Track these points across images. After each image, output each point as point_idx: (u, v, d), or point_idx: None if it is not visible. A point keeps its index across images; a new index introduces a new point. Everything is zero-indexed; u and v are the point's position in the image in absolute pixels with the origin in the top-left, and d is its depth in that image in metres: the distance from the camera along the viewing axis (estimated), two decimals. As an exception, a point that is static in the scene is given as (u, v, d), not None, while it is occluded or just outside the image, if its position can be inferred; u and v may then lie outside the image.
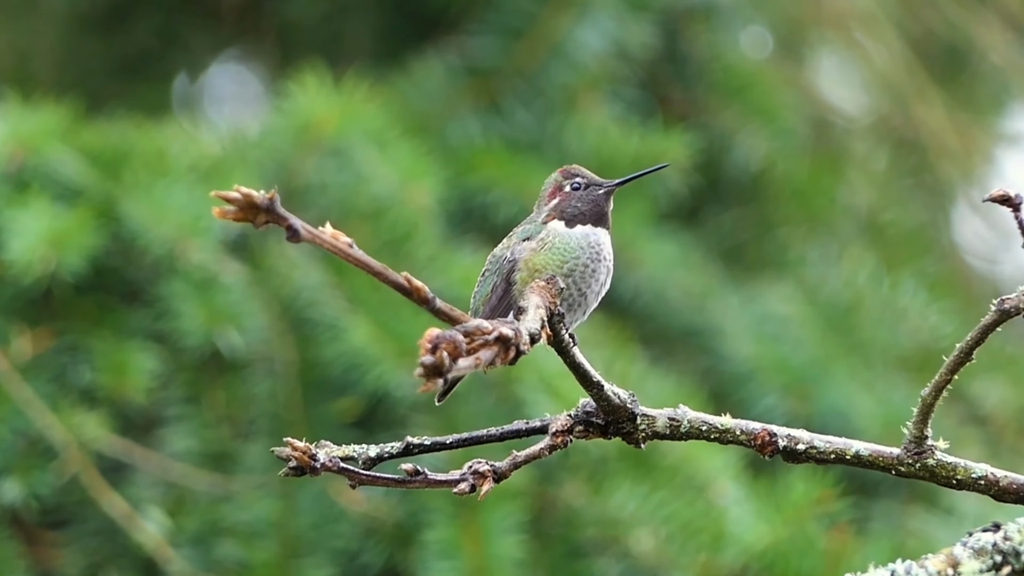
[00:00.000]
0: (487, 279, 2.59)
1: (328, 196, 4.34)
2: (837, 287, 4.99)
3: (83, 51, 5.28)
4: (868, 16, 5.39)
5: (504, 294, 2.53)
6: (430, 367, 1.91)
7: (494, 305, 2.54)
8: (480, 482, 2.21)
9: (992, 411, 4.82)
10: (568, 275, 2.51)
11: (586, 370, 2.23)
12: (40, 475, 3.97)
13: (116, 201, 4.18)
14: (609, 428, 2.28)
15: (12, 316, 4.10)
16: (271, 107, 4.59)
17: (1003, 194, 2.22)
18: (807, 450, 2.30)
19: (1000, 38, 5.44)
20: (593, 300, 2.54)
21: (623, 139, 4.76)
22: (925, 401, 2.26)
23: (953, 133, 5.37)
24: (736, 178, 5.05)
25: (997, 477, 2.28)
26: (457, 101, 4.78)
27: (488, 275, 2.59)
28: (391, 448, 2.26)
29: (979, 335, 2.23)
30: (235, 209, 1.91)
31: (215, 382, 4.14)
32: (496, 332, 2.00)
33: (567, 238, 2.54)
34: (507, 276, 2.54)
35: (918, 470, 2.29)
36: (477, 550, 3.87)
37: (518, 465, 2.25)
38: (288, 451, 2.18)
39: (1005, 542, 2.17)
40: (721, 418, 2.31)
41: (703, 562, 3.96)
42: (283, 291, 4.18)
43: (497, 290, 2.55)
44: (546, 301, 2.14)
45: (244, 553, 3.99)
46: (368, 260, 1.98)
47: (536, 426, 2.29)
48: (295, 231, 1.93)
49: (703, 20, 5.04)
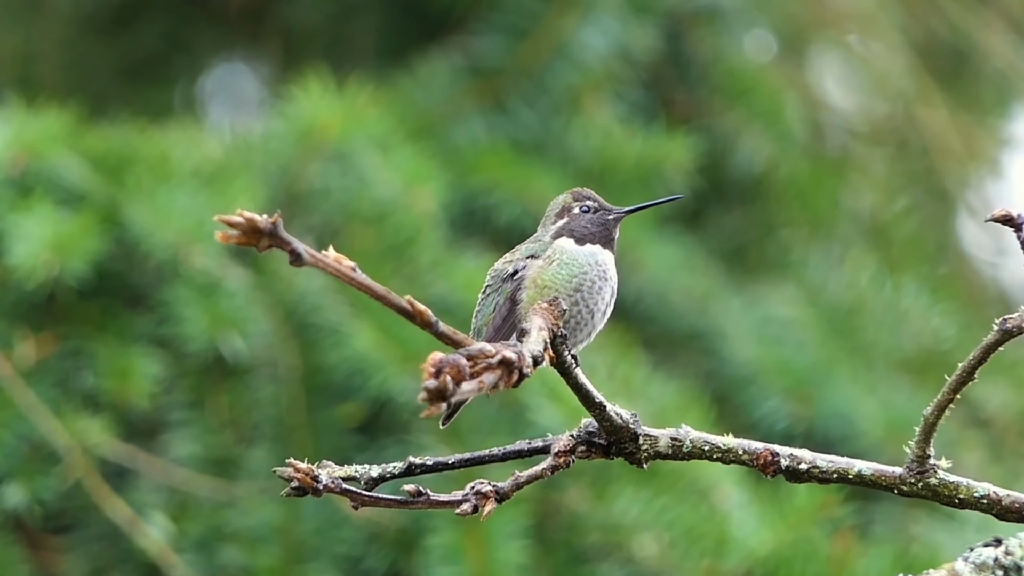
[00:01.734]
0: (488, 298, 2.58)
1: (331, 201, 4.34)
2: (839, 290, 4.99)
3: (88, 54, 5.28)
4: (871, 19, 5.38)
5: (509, 314, 2.52)
6: (434, 391, 1.92)
7: (498, 325, 2.53)
8: (482, 502, 2.22)
9: (994, 415, 4.82)
10: (576, 290, 2.51)
11: (589, 391, 2.24)
12: (43, 480, 3.97)
13: (119, 206, 4.17)
14: (612, 448, 2.29)
15: (15, 321, 4.10)
16: (274, 111, 4.59)
17: (1005, 214, 2.22)
18: (809, 470, 2.31)
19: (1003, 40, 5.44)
20: (599, 320, 2.53)
21: (626, 141, 4.76)
22: (928, 420, 2.27)
23: (956, 135, 5.37)
24: (739, 180, 5.05)
25: (999, 496, 2.29)
26: (462, 101, 4.78)
27: (489, 292, 2.58)
28: (393, 468, 2.26)
29: (981, 355, 2.23)
30: (238, 233, 1.91)
31: (218, 387, 4.14)
32: (499, 355, 2.00)
33: (575, 254, 2.54)
34: (512, 295, 2.54)
35: (920, 489, 2.29)
36: (480, 555, 3.87)
37: (520, 485, 2.26)
38: (290, 472, 2.18)
39: (1006, 557, 2.18)
40: (723, 438, 2.31)
41: (706, 567, 3.96)
42: (286, 296, 4.18)
43: (501, 310, 2.54)
44: (549, 323, 2.14)
45: (247, 558, 3.99)
46: (371, 284, 1.99)
47: (538, 446, 2.30)
48: (298, 255, 1.94)
49: (707, 23, 5.04)
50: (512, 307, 2.52)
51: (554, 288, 2.48)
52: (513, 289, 2.54)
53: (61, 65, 5.20)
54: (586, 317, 2.52)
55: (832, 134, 5.52)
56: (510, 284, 2.55)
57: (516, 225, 4.51)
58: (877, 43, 5.41)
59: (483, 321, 2.57)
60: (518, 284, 2.54)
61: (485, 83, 4.81)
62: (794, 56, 5.44)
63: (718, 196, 5.08)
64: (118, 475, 4.07)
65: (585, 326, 2.52)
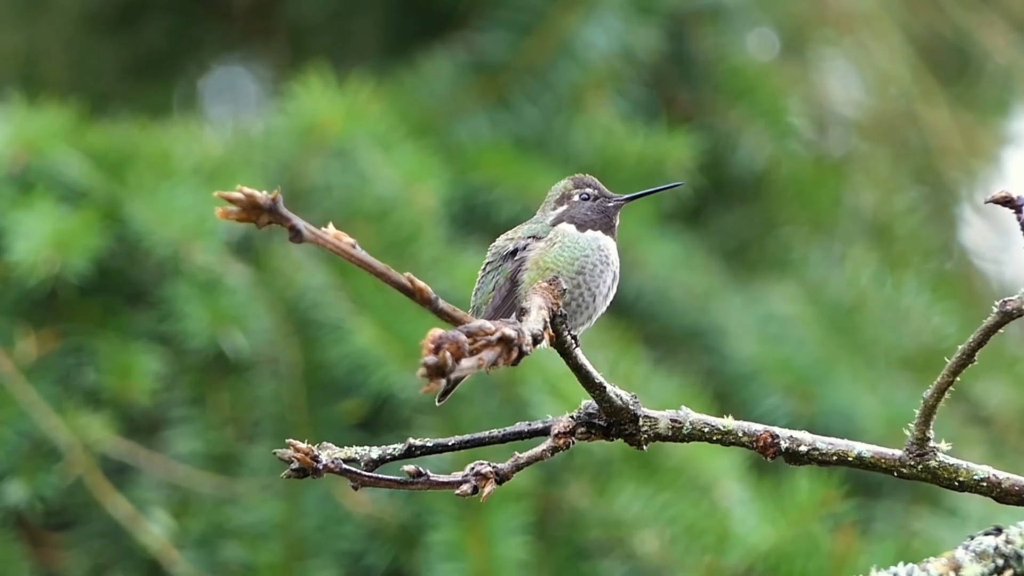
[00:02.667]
0: (488, 275, 2.58)
1: (332, 197, 4.34)
2: (840, 287, 4.99)
3: (93, 52, 5.28)
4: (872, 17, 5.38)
5: (508, 294, 2.52)
6: (433, 367, 1.92)
7: (497, 305, 2.53)
8: (482, 483, 2.22)
9: (995, 412, 4.83)
10: (579, 272, 2.51)
11: (588, 372, 2.23)
12: (45, 477, 3.97)
13: (120, 203, 4.18)
14: (611, 430, 2.29)
15: (17, 318, 4.10)
16: (275, 108, 4.59)
17: (1005, 195, 2.23)
18: (809, 452, 2.30)
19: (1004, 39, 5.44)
20: (601, 303, 2.53)
21: (628, 139, 4.76)
22: (927, 403, 2.27)
23: (957, 134, 5.37)
24: (740, 178, 5.05)
25: (999, 479, 2.29)
26: (464, 98, 4.78)
27: (489, 270, 2.58)
28: (393, 450, 2.26)
29: (981, 337, 2.23)
30: (238, 209, 1.91)
31: (220, 384, 4.14)
32: (499, 333, 2.00)
33: (576, 238, 2.54)
34: (512, 275, 2.54)
35: (920, 472, 2.29)
36: (482, 552, 3.87)
37: (520, 466, 2.25)
38: (290, 452, 2.18)
39: (1007, 545, 2.18)
40: (723, 420, 2.31)
41: (708, 563, 3.96)
42: (288, 293, 4.18)
43: (501, 290, 2.54)
44: (549, 302, 2.14)
45: (249, 555, 3.99)
46: (371, 261, 1.99)
47: (538, 428, 2.30)
48: (298, 231, 1.94)
49: (710, 22, 5.04)
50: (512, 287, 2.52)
51: (556, 270, 2.48)
52: (514, 269, 2.54)
53: (66, 63, 5.20)
54: (588, 300, 2.51)
55: (834, 132, 5.52)
56: (510, 263, 2.55)
57: (516, 222, 4.49)
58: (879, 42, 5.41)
59: (482, 299, 2.57)
60: (519, 264, 2.53)
61: (488, 80, 4.82)
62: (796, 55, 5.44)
63: (719, 194, 5.08)
64: (119, 472, 4.07)
65: (587, 308, 2.52)
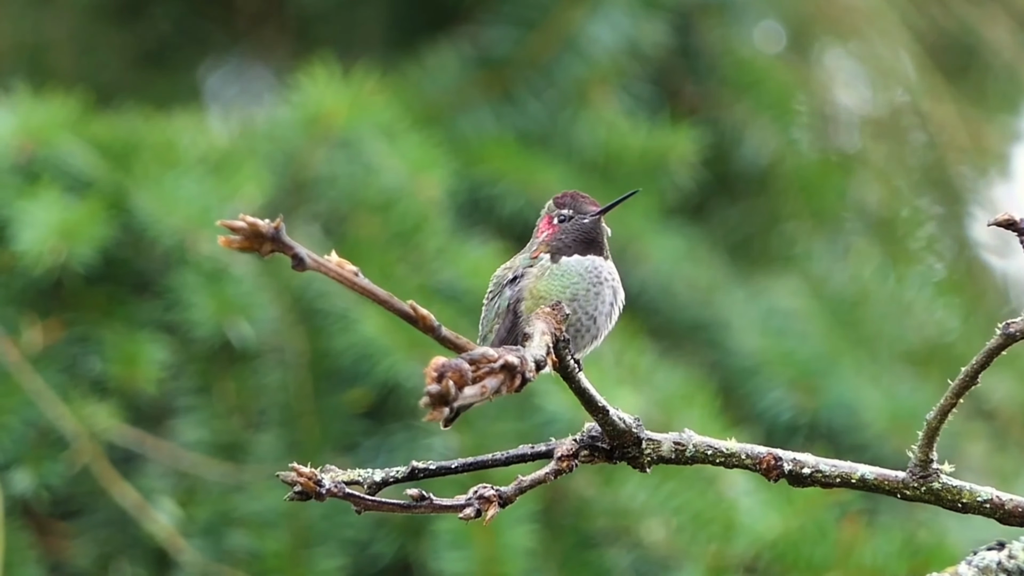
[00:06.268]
0: (492, 303, 2.57)
1: (337, 188, 4.34)
2: (844, 281, 4.99)
3: (99, 42, 5.28)
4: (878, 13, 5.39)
5: (513, 326, 2.53)
6: (436, 396, 1.92)
7: (503, 337, 2.53)
8: (486, 506, 2.23)
9: (998, 406, 4.83)
10: (572, 299, 2.50)
11: (591, 395, 2.25)
12: (51, 466, 3.97)
13: (126, 192, 4.18)
14: (615, 452, 2.30)
15: (23, 307, 4.10)
16: (281, 99, 4.59)
17: (1008, 219, 2.22)
18: (812, 474, 2.33)
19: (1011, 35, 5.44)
20: (604, 323, 2.51)
21: (631, 133, 4.76)
22: (930, 424, 2.27)
23: (963, 130, 5.37)
24: (744, 172, 5.05)
25: (1002, 500, 2.29)
26: (469, 91, 4.79)
27: (493, 298, 2.57)
28: (396, 473, 2.27)
29: (984, 359, 2.22)
30: (240, 238, 1.91)
31: (226, 373, 4.14)
32: (502, 360, 2.00)
33: (564, 265, 2.52)
34: (513, 307, 2.54)
35: (924, 494, 2.30)
36: (488, 540, 3.87)
37: (523, 490, 2.26)
38: (293, 476, 2.19)
39: (1010, 560, 2.18)
40: (726, 442, 2.32)
41: (714, 552, 3.96)
42: (293, 282, 4.18)
43: (506, 321, 2.54)
44: (551, 327, 2.15)
45: (255, 543, 3.99)
46: (374, 288, 1.99)
47: (541, 451, 2.31)
48: (301, 260, 1.94)
49: (716, 15, 5.05)
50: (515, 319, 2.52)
51: (550, 299, 2.47)
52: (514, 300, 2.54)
53: (72, 53, 5.20)
54: (587, 323, 2.50)
55: (839, 127, 5.52)
56: (511, 291, 2.55)
57: (519, 216, 4.52)
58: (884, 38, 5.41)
59: (488, 327, 2.57)
60: (519, 293, 2.54)
61: (493, 74, 4.82)
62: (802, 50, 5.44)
63: (723, 188, 5.08)
64: (126, 460, 4.07)
65: (587, 332, 2.51)
